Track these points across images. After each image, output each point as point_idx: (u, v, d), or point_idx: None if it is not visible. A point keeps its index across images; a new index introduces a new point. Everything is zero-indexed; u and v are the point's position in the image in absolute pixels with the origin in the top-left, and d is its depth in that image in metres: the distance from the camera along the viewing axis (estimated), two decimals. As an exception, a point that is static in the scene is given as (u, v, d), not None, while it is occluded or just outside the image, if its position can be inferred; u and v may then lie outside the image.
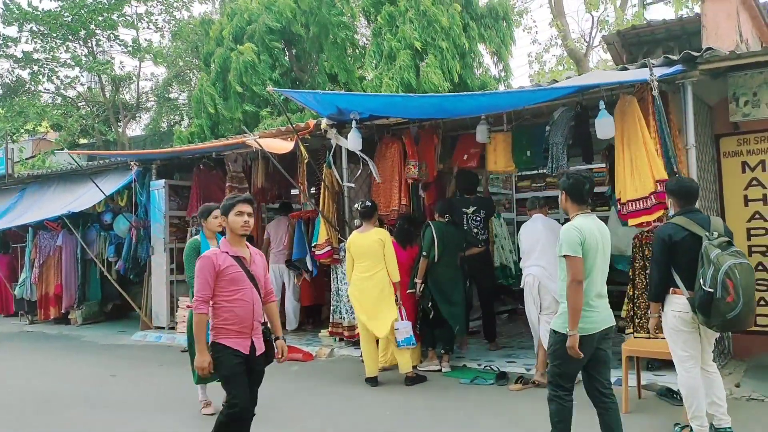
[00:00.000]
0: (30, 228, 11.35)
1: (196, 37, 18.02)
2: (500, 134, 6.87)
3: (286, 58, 15.41)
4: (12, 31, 17.47)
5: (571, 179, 3.68)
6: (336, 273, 7.74)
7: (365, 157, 7.36)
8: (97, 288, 11.70)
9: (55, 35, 16.77)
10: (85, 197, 10.02)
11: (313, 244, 7.83)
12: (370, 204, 6.20)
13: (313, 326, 8.97)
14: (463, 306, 6.39)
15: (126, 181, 9.73)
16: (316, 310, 9.28)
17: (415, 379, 5.89)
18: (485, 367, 6.24)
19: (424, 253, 6.16)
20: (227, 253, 3.67)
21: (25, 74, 18.11)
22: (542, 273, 5.49)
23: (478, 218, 7.24)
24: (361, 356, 6.20)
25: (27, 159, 18.76)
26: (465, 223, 7.14)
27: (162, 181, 9.54)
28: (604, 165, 7.11)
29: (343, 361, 7.25)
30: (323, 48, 14.40)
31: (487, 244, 7.58)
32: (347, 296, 7.47)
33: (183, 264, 9.67)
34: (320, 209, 7.52)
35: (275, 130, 7.98)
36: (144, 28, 18.89)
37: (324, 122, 7.37)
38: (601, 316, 3.56)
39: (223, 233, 4.36)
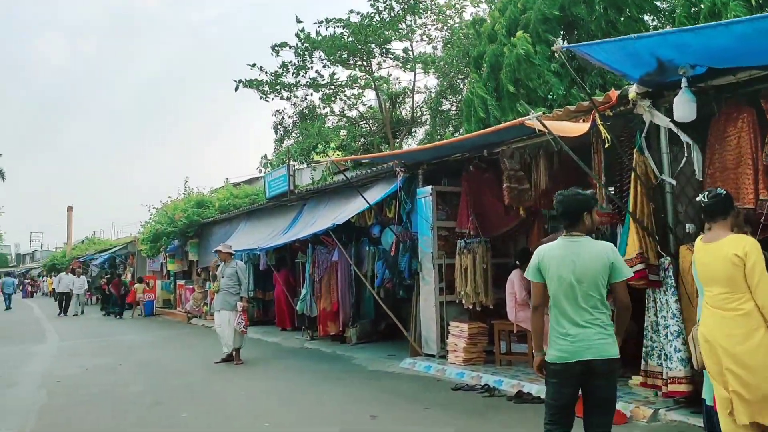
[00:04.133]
0: (309, 244, 11.37)
1: (467, 41, 17.22)
2: None
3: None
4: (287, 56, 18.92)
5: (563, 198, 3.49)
6: (654, 300, 5.51)
7: (686, 137, 5.09)
8: (370, 306, 11.21)
9: (335, 58, 17.51)
10: (350, 209, 9.45)
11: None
12: (721, 194, 3.88)
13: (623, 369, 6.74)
14: None
15: (391, 189, 8.86)
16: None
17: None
18: None
19: None
20: None
21: (315, 99, 19.38)
22: None
23: None
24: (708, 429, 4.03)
25: (317, 181, 20.04)
26: None
27: (429, 188, 8.40)
28: None
29: (672, 429, 4.97)
30: (616, 25, 12.02)
31: None
32: (675, 334, 5.23)
33: (453, 283, 8.58)
34: (630, 210, 5.38)
35: (561, 111, 6.12)
36: (417, 41, 18.81)
37: (633, 90, 5.29)
38: (576, 346, 3.30)
39: None
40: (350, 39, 17.80)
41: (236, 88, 18.73)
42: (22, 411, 6.54)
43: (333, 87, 19.10)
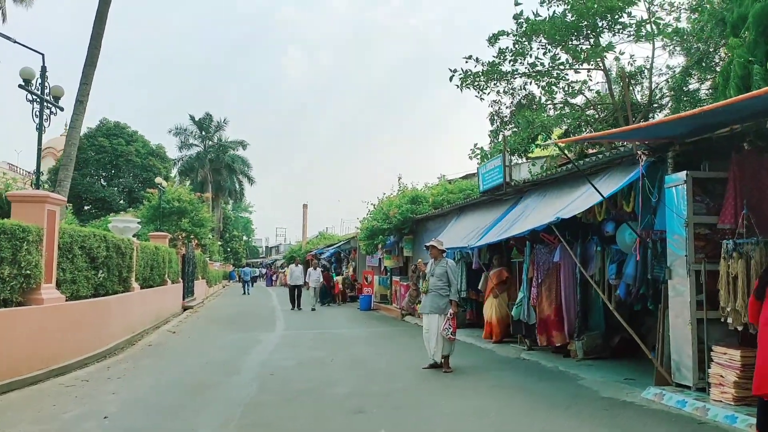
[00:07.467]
0: (527, 242, 10.13)
1: (721, 4, 14.30)
2: None
3: None
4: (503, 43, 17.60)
5: None
6: None
7: None
8: (599, 316, 9.58)
9: (556, 39, 15.89)
10: (577, 201, 8.00)
11: None
12: None
13: None
14: None
15: (630, 177, 7.24)
16: None
17: None
18: None
19: None
20: None
21: (534, 88, 17.94)
22: None
23: None
24: None
25: (536, 175, 18.47)
26: None
27: (682, 174, 6.64)
28: None
29: None
30: None
31: None
32: None
33: (717, 294, 6.71)
34: None
35: None
36: (656, 10, 16.26)
37: None
38: None
39: None
40: (573, 17, 16.00)
41: (451, 78, 18.04)
42: (233, 403, 6.50)
43: (554, 73, 17.42)
